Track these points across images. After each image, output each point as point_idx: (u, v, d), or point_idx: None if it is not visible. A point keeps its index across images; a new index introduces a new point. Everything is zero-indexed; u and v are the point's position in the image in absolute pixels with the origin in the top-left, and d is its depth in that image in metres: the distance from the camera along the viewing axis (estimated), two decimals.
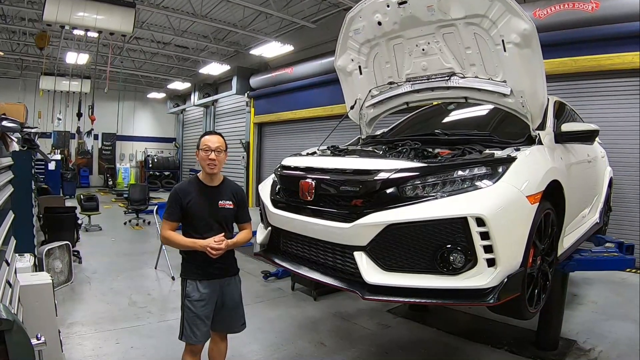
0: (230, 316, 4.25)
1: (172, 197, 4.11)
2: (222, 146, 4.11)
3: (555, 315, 5.43)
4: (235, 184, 4.42)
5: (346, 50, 5.53)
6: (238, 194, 4.29)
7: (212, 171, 4.07)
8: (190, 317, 4.03)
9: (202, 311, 4.04)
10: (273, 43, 17.18)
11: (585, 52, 9.89)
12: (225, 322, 4.26)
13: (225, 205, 4.14)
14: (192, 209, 4.04)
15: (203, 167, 4.10)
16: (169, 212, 4.09)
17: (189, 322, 4.03)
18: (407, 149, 4.62)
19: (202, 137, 4.14)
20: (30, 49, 20.99)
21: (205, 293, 4.05)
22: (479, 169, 3.67)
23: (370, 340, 5.96)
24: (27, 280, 4.68)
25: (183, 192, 4.08)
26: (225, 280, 4.18)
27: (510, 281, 3.47)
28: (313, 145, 5.88)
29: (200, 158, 4.09)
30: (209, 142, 4.06)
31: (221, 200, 4.13)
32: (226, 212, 4.15)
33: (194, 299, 4.03)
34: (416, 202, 3.61)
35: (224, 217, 4.14)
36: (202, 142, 4.09)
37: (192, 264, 4.10)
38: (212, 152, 4.03)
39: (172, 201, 4.09)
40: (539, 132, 4.47)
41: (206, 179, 4.15)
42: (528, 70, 4.33)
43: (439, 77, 5.05)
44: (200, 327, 4.03)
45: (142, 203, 15.34)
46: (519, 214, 3.63)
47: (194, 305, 4.02)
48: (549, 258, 4.35)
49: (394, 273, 3.65)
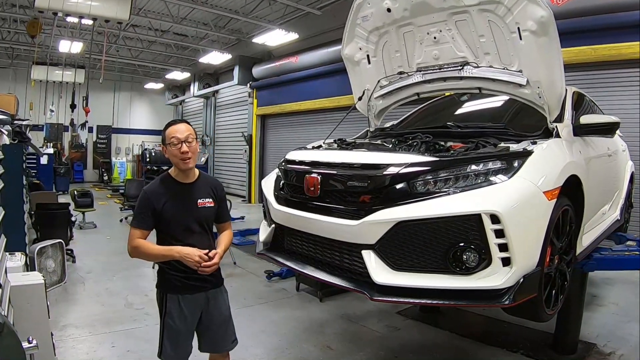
0: (220, 334, 3.96)
1: (142, 201, 3.72)
2: (192, 134, 3.71)
3: (573, 317, 5.42)
4: (212, 178, 4.18)
5: (354, 39, 5.53)
6: (217, 189, 3.97)
7: (187, 166, 3.71)
8: (170, 334, 3.73)
9: (185, 326, 3.76)
10: (277, 31, 17.12)
11: (605, 40, 9.78)
12: (215, 341, 3.96)
13: (206, 204, 3.81)
14: (167, 212, 3.67)
15: (176, 163, 3.72)
16: (138, 218, 3.69)
17: (170, 339, 3.73)
18: (417, 143, 4.59)
19: (167, 129, 3.73)
20: (21, 37, 20.95)
21: (189, 308, 3.74)
22: (494, 163, 3.67)
23: (379, 344, 5.98)
24: (18, 280, 4.67)
25: (155, 195, 3.70)
26: (210, 292, 3.86)
27: (527, 281, 3.48)
28: (319, 138, 5.88)
29: (171, 154, 3.70)
30: (177, 133, 3.65)
31: (200, 198, 3.79)
32: (207, 211, 3.84)
33: (176, 317, 3.72)
34: (427, 198, 3.61)
35: (205, 217, 3.83)
36: (167, 134, 3.69)
37: (173, 276, 3.73)
38: (182, 143, 3.63)
39: (142, 206, 3.69)
40: (556, 125, 4.48)
41: (180, 176, 3.79)
42: (545, 59, 4.32)
43: (452, 67, 5.05)
44: (182, 344, 3.77)
45: None
46: (536, 211, 3.63)
47: (176, 323, 3.72)
48: (567, 257, 4.36)
49: (404, 273, 3.66)
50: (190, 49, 22.82)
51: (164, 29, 20.31)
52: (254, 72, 21.09)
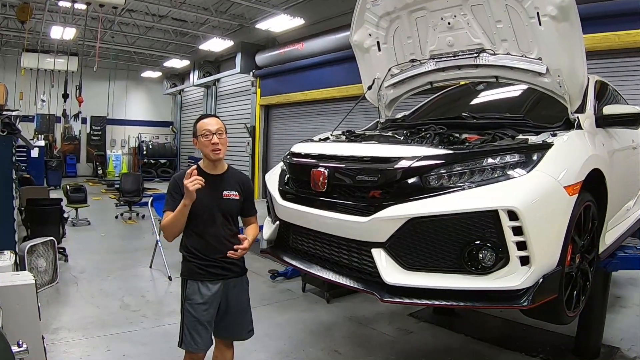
0: (236, 322, 4.23)
1: (172, 186, 4.07)
2: (222, 128, 4.08)
3: (596, 319, 5.43)
4: (241, 173, 4.44)
5: (363, 24, 5.53)
6: (245, 184, 4.29)
7: (217, 156, 4.03)
8: (190, 322, 3.99)
9: (204, 316, 4.00)
10: (281, 16, 17.10)
11: (630, 26, 9.67)
12: (231, 328, 4.23)
13: (231, 196, 4.12)
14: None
15: (207, 154, 4.05)
16: (169, 203, 4.03)
17: (189, 327, 4.00)
18: (431, 134, 4.60)
19: (198, 122, 4.11)
20: (10, 23, 21.02)
21: (208, 296, 4.01)
22: (512, 156, 3.66)
23: (390, 348, 6.00)
24: (7, 280, 4.68)
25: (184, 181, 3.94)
26: (231, 282, 4.14)
27: (546, 281, 3.48)
28: (326, 130, 5.91)
29: (202, 145, 4.04)
30: (209, 126, 4.02)
31: (226, 190, 4.11)
32: (231, 203, 4.14)
33: (195, 302, 3.99)
34: (441, 194, 3.61)
35: (228, 209, 4.12)
36: (199, 127, 4.06)
37: (193, 263, 4.04)
38: (213, 135, 3.98)
39: (172, 190, 4.05)
40: (578, 116, 4.46)
41: (209, 167, 4.12)
42: (566, 46, 4.29)
43: (467, 54, 5.03)
44: (202, 334, 4.01)
45: (136, 194, 15.46)
46: (556, 207, 3.62)
47: (195, 309, 3.99)
48: (589, 256, 4.36)
49: (416, 272, 3.67)
50: (190, 36, 22.83)
51: (162, 14, 20.27)
52: (257, 59, 21.07)
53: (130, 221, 14.86)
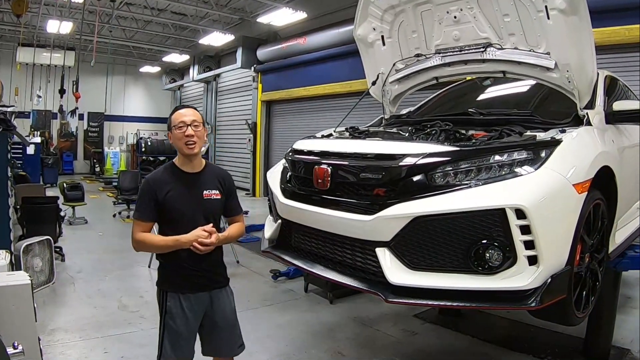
0: (226, 339, 3.99)
1: (144, 190, 3.78)
2: (198, 119, 3.79)
3: (606, 320, 5.42)
4: (220, 169, 4.19)
5: (367, 18, 5.52)
6: (225, 181, 4.01)
7: (191, 151, 3.73)
8: (171, 336, 3.74)
9: (187, 328, 3.78)
10: (283, 9, 17.14)
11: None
12: (219, 345, 3.97)
13: (212, 196, 3.86)
14: (170, 203, 3.71)
15: (180, 148, 3.76)
16: (141, 210, 3.76)
17: (170, 341, 3.74)
18: (436, 131, 4.62)
19: (173, 114, 3.85)
20: (5, 16, 20.94)
21: (190, 309, 3.77)
22: (519, 153, 3.66)
23: (394, 349, 6.01)
24: (2, 280, 4.63)
25: (158, 183, 3.75)
26: (214, 293, 3.89)
27: (555, 282, 3.48)
28: (329, 126, 5.90)
29: (175, 138, 3.76)
30: (184, 117, 3.74)
31: (206, 189, 3.84)
32: (213, 203, 3.87)
33: (177, 316, 3.74)
34: (447, 192, 3.61)
35: (210, 210, 3.86)
36: (173, 119, 3.79)
37: (173, 272, 3.78)
38: (187, 127, 3.71)
39: (144, 196, 3.76)
40: (587, 112, 4.46)
41: (185, 165, 3.84)
42: (575, 40, 4.29)
43: (473, 49, 5.03)
44: (184, 346, 3.78)
45: (134, 192, 15.24)
46: (565, 205, 3.62)
47: (177, 324, 3.74)
48: (599, 255, 4.36)
49: (422, 272, 3.66)
50: (190, 30, 22.86)
51: (161, 8, 20.34)
52: (259, 54, 21.07)
53: (128, 220, 14.77)
